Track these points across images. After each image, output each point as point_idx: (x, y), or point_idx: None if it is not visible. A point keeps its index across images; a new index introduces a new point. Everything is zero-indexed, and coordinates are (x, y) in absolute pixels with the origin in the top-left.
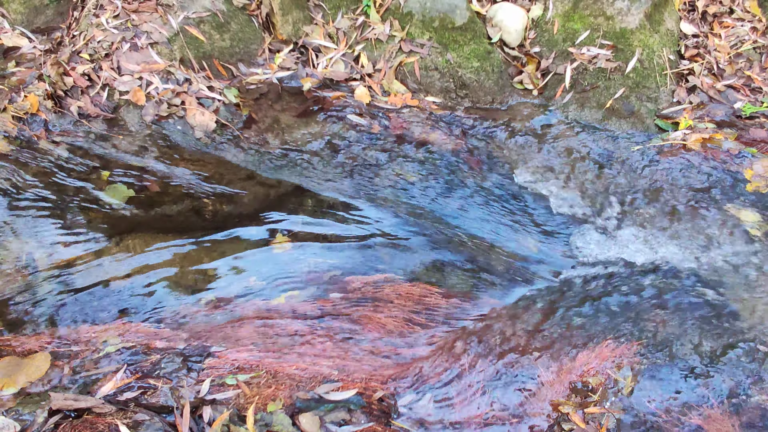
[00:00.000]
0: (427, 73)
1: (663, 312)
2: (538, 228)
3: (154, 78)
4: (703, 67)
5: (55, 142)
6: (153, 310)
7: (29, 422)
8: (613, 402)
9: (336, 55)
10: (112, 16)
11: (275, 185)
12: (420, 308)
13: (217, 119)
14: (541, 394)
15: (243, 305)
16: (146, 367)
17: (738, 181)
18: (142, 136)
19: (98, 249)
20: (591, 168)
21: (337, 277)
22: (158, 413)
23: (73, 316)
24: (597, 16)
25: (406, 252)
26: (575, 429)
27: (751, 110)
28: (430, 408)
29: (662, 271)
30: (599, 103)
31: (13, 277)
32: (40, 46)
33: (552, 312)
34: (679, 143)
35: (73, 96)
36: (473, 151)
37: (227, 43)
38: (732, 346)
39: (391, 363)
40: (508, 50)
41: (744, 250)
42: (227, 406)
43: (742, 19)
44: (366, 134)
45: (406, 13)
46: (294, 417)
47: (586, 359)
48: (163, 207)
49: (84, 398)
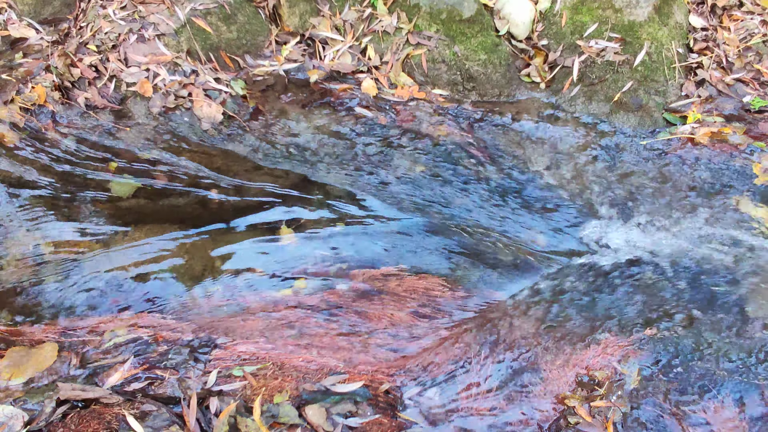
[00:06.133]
0: (435, 66)
1: (668, 304)
2: (545, 220)
3: (161, 70)
4: (712, 60)
5: (63, 134)
6: (160, 302)
7: (37, 412)
8: (619, 396)
9: (343, 48)
10: (119, 7)
11: (282, 176)
12: (426, 301)
13: (224, 111)
14: (547, 387)
15: (249, 297)
16: (153, 358)
17: (746, 175)
18: (150, 127)
19: (105, 240)
20: (597, 161)
21: (343, 270)
22: (165, 404)
23: (80, 307)
24: (605, 9)
25: (412, 244)
26: (581, 422)
27: (760, 104)
28: (436, 400)
29: (665, 263)
30: (607, 97)
31: (20, 267)
32: (48, 38)
33: (558, 304)
34: (687, 137)
35: (81, 87)
36: (480, 144)
37: (234, 35)
38: (739, 337)
39: (397, 355)
40: (515, 43)
41: (748, 241)
42: (234, 397)
43: (752, 12)
44: (373, 126)
45: (413, 5)
46: (300, 409)
47: (592, 352)
48: (170, 198)
49: (91, 389)
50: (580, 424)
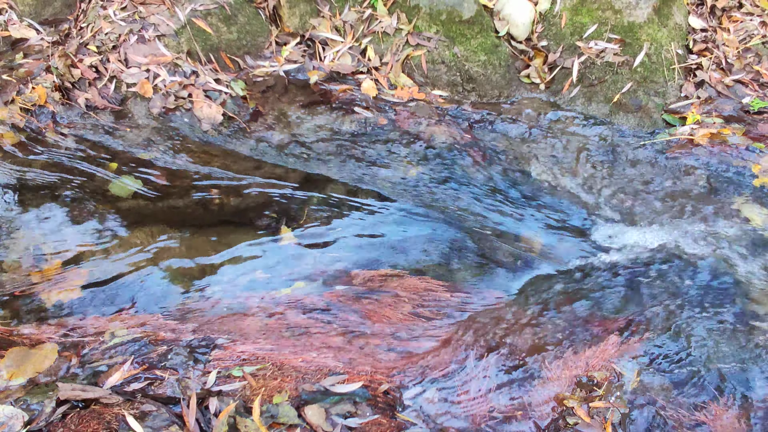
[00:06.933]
0: (434, 67)
1: (665, 305)
2: (543, 219)
3: (161, 70)
4: (712, 61)
5: (63, 134)
6: (160, 302)
7: (37, 412)
8: (618, 396)
9: (343, 48)
10: (119, 8)
11: (282, 177)
12: (425, 301)
13: (224, 112)
14: (546, 387)
15: (249, 297)
16: (153, 359)
17: (745, 176)
18: (150, 128)
19: (105, 240)
20: (597, 161)
21: (343, 270)
22: (165, 404)
23: (81, 308)
24: (605, 10)
25: (411, 244)
26: (580, 423)
27: (759, 105)
28: (435, 401)
29: (663, 264)
30: (607, 98)
31: (21, 268)
32: (48, 38)
33: (557, 303)
34: (687, 138)
35: (81, 88)
36: (479, 145)
37: (234, 36)
38: (740, 338)
39: (396, 356)
40: (515, 44)
41: (746, 241)
42: (233, 397)
43: (751, 14)
44: (372, 127)
45: (413, 5)
46: (300, 409)
47: (591, 353)
48: (170, 199)
49: (91, 389)
50: (578, 424)
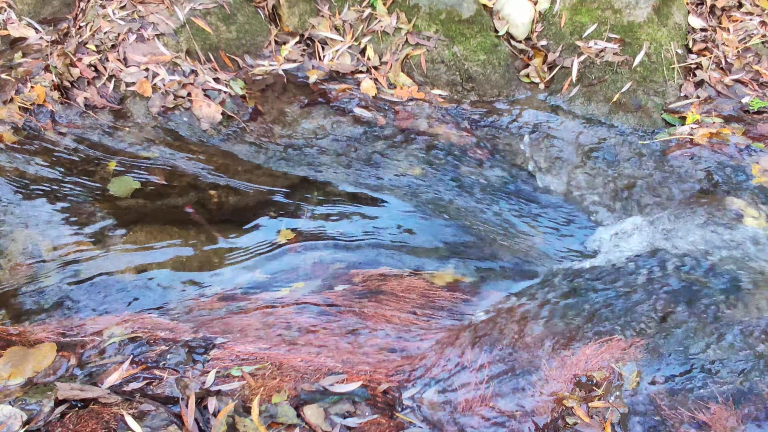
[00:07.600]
0: (434, 66)
1: (665, 305)
2: (543, 220)
3: (160, 69)
4: (711, 61)
5: (62, 133)
6: (158, 302)
7: (36, 412)
8: (618, 396)
9: (342, 48)
10: (118, 7)
11: (280, 177)
12: (424, 301)
13: (223, 111)
14: (546, 387)
15: (248, 297)
16: (152, 358)
17: (744, 175)
18: (149, 127)
19: (104, 240)
20: (596, 161)
21: (342, 270)
22: (164, 404)
23: (79, 307)
24: (605, 10)
25: (411, 245)
26: (579, 423)
27: (759, 105)
28: (434, 401)
29: (662, 264)
30: (606, 97)
31: (19, 267)
32: (47, 37)
33: (556, 304)
34: (686, 138)
35: (80, 87)
36: (479, 144)
37: (233, 35)
38: (741, 339)
39: (395, 356)
40: (515, 43)
41: (744, 241)
42: (232, 397)
43: (751, 13)
44: (372, 127)
45: (412, 5)
46: (299, 409)
47: (591, 353)
48: (168, 199)
49: (90, 388)
50: (578, 424)
